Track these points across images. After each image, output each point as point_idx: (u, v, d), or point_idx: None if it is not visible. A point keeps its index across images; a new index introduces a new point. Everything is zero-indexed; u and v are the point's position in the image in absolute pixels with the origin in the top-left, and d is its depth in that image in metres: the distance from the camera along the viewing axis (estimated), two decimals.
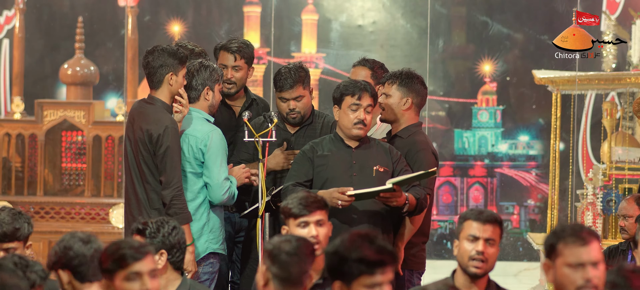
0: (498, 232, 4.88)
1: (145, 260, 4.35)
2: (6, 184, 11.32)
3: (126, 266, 4.32)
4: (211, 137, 6.40)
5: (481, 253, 4.82)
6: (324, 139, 6.39)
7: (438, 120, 12.87)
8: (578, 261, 4.22)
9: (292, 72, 6.74)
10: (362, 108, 6.26)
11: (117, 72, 12.55)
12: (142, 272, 4.33)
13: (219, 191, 6.39)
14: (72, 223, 11.13)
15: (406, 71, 6.56)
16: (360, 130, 6.27)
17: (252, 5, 12.81)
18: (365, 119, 6.26)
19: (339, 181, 6.18)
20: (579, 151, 12.49)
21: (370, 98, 6.27)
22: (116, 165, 11.28)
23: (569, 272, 4.23)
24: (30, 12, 12.44)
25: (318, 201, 5.37)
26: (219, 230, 6.53)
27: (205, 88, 6.51)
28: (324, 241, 5.32)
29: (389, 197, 6.10)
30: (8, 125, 11.38)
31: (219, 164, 6.40)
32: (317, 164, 6.29)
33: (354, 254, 4.02)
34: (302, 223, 5.33)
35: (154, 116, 6.29)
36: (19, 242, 5.31)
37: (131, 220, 6.36)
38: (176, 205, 6.23)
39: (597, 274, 4.22)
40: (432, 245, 12.79)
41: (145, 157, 6.30)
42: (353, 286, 4.02)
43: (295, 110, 6.76)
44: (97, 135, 11.27)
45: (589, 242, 4.24)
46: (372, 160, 6.28)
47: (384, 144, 6.43)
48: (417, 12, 12.69)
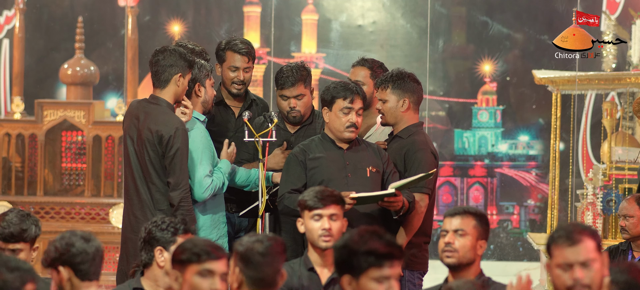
0: (470, 222, 5.05)
1: (220, 262, 4.36)
2: (6, 184, 11.32)
3: (202, 261, 4.33)
4: (191, 136, 6.37)
5: (448, 244, 5.01)
6: (313, 140, 6.40)
7: (438, 120, 12.87)
8: (565, 261, 4.26)
9: (294, 70, 6.77)
10: (354, 111, 6.27)
11: (117, 72, 12.55)
12: (215, 272, 4.34)
13: (199, 189, 6.36)
14: (72, 223, 11.13)
15: (396, 72, 6.56)
16: (352, 133, 6.29)
17: (252, 5, 12.81)
18: (357, 122, 6.29)
19: (334, 183, 6.18)
20: (579, 151, 12.49)
21: (361, 101, 6.31)
22: (116, 165, 11.28)
23: (559, 272, 4.28)
24: (30, 12, 12.44)
25: (334, 196, 5.50)
26: (221, 225, 6.52)
27: (196, 84, 6.51)
28: (336, 235, 5.42)
29: (392, 201, 6.11)
30: (8, 125, 11.38)
31: (198, 161, 6.38)
32: (309, 166, 6.30)
33: (363, 247, 4.08)
34: (316, 216, 5.46)
35: (162, 117, 6.28)
36: (26, 244, 5.31)
37: (133, 220, 6.34)
38: (184, 206, 6.24)
39: (588, 274, 4.22)
40: (432, 245, 12.78)
41: (153, 158, 6.28)
42: (361, 280, 4.06)
43: (296, 108, 6.77)
44: (97, 135, 11.27)
45: (577, 242, 4.25)
46: (365, 161, 6.30)
47: (373, 144, 6.47)
48: (417, 12, 12.69)
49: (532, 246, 11.52)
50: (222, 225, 6.58)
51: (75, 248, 4.48)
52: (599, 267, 4.25)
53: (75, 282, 4.48)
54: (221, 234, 6.55)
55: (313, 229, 5.47)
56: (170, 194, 6.24)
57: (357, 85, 6.40)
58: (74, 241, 4.50)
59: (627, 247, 7.09)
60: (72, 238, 4.51)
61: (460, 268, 5.02)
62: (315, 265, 5.49)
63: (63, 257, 4.48)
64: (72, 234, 4.53)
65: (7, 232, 5.27)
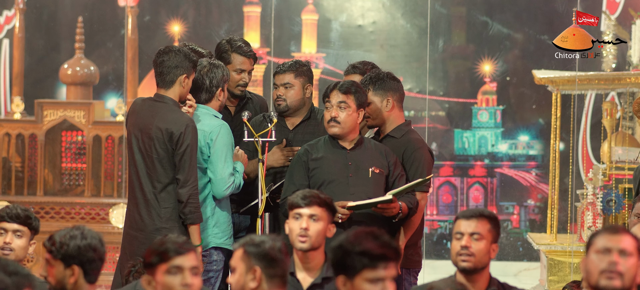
0: (485, 226, 4.94)
1: (187, 256, 4.35)
2: (6, 184, 11.32)
3: (168, 259, 4.33)
4: (219, 131, 6.42)
5: (465, 247, 4.90)
6: (319, 140, 6.38)
7: (438, 120, 12.87)
8: (605, 246, 4.29)
9: (290, 61, 6.88)
10: (333, 106, 6.22)
11: (117, 72, 12.55)
12: (184, 267, 4.33)
13: (221, 186, 6.40)
14: (72, 223, 11.13)
15: (374, 74, 6.53)
16: (333, 127, 6.22)
17: (252, 5, 12.81)
18: (337, 116, 6.22)
19: (336, 183, 6.17)
20: (579, 151, 12.49)
21: (342, 94, 6.23)
22: (116, 165, 11.28)
23: (596, 257, 4.30)
24: (30, 12, 12.44)
25: (317, 197, 5.36)
26: (226, 225, 6.53)
27: (219, 89, 6.55)
28: (314, 238, 5.28)
29: (386, 207, 6.10)
30: (8, 125, 11.38)
31: (223, 159, 6.41)
32: (311, 166, 6.26)
33: (357, 248, 4.07)
34: (297, 214, 5.33)
35: (171, 115, 6.30)
36: (29, 230, 5.54)
37: (137, 218, 6.34)
38: (192, 203, 6.24)
39: (624, 262, 4.26)
40: (432, 245, 12.80)
41: (162, 155, 6.29)
42: (356, 281, 4.06)
43: (281, 97, 6.79)
44: (97, 135, 11.27)
45: (619, 232, 4.31)
46: (368, 161, 6.26)
47: (381, 145, 6.40)
48: (417, 12, 12.69)
49: (532, 246, 11.52)
50: (231, 225, 6.62)
51: (95, 253, 4.45)
52: (635, 264, 4.28)
53: (80, 282, 4.44)
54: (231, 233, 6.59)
55: (292, 229, 5.33)
56: (179, 190, 6.25)
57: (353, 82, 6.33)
58: (95, 245, 4.45)
59: None
60: (93, 241, 4.45)
61: (475, 272, 4.94)
62: (297, 270, 5.31)
63: (82, 258, 4.43)
64: (92, 235, 4.47)
65: (14, 213, 5.52)
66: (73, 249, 4.43)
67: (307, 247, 5.27)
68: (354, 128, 6.26)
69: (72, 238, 4.45)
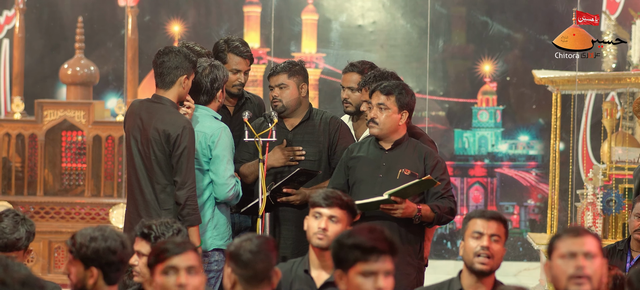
0: (502, 229, 4.91)
1: (183, 256, 4.31)
2: (6, 184, 11.32)
3: (164, 259, 4.30)
4: (220, 134, 6.44)
5: (486, 248, 4.86)
6: (367, 138, 6.45)
7: (438, 120, 12.87)
8: (569, 251, 4.24)
9: (283, 62, 6.88)
10: (373, 106, 6.31)
11: (117, 72, 12.55)
12: (180, 267, 4.29)
13: (224, 188, 6.41)
14: (72, 223, 11.12)
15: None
16: (372, 128, 6.31)
17: (252, 5, 12.81)
18: (376, 117, 6.28)
19: (366, 183, 6.20)
20: (579, 151, 12.49)
21: (383, 96, 6.26)
22: (116, 165, 11.27)
23: (561, 262, 4.25)
24: (30, 12, 12.44)
25: (340, 199, 5.32)
26: (225, 226, 6.54)
27: (219, 91, 6.56)
28: (331, 237, 5.21)
29: (389, 208, 6.09)
30: (8, 125, 11.37)
31: (226, 161, 6.42)
32: (350, 165, 6.33)
33: (350, 240, 4.04)
34: (317, 213, 5.32)
35: (169, 117, 6.30)
36: (18, 252, 5.36)
37: (137, 220, 6.35)
38: (190, 205, 6.25)
39: (590, 265, 4.22)
40: (432, 246, 12.79)
41: (159, 157, 6.29)
42: (350, 274, 4.04)
43: (277, 98, 6.82)
44: (97, 135, 11.27)
45: (582, 235, 4.26)
46: (401, 163, 6.26)
47: (425, 148, 6.36)
48: (417, 12, 12.68)
49: (532, 246, 11.52)
50: (230, 226, 6.63)
51: (115, 256, 4.37)
52: (600, 264, 4.25)
53: (100, 284, 4.38)
54: (230, 235, 6.60)
55: (311, 226, 5.32)
56: (177, 192, 6.25)
57: (397, 84, 6.34)
58: (116, 248, 4.38)
59: (625, 247, 7.08)
60: (113, 244, 4.38)
61: (487, 275, 4.90)
62: (312, 267, 5.31)
63: (101, 261, 4.36)
64: (113, 237, 4.39)
65: (1, 243, 5.31)
66: (92, 252, 4.37)
67: (324, 245, 5.25)
68: (394, 129, 6.28)
69: (93, 240, 4.37)
